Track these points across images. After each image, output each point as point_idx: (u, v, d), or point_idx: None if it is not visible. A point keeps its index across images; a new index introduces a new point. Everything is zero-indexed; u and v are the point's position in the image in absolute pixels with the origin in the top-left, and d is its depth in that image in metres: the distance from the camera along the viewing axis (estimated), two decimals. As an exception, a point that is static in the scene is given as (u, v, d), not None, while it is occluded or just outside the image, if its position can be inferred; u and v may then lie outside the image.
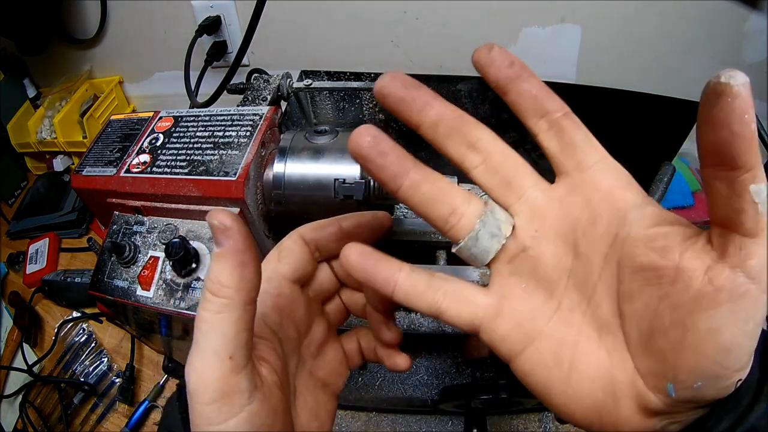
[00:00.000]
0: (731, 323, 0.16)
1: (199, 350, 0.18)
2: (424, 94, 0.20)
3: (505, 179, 0.20)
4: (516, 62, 0.20)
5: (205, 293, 0.18)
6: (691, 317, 0.16)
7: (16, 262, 0.78)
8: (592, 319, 0.20)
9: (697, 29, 0.63)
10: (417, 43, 0.72)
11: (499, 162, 0.20)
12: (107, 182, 0.42)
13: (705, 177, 0.16)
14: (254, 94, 0.51)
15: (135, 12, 0.79)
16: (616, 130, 0.60)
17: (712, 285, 0.16)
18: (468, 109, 0.60)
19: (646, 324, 0.18)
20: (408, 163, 0.20)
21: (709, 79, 0.14)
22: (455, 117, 0.20)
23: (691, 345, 0.16)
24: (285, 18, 0.73)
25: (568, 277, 0.20)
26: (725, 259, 0.16)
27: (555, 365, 0.20)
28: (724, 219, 0.16)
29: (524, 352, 0.20)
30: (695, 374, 0.16)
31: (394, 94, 0.20)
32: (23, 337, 0.68)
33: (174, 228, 0.40)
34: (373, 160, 0.20)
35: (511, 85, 0.20)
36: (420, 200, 0.20)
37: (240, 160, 0.39)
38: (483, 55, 0.20)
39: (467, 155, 0.20)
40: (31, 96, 0.90)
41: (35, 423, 0.60)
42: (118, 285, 0.40)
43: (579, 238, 0.20)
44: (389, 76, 0.20)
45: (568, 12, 0.65)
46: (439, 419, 0.53)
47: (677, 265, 0.17)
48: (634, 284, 0.18)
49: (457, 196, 0.20)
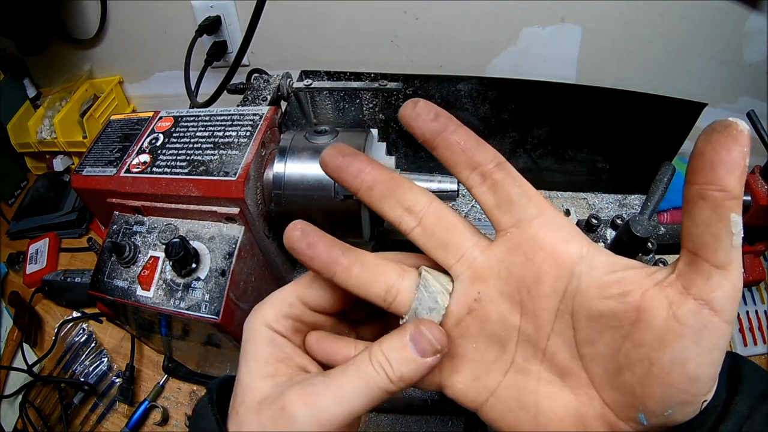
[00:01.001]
0: (695, 354, 0.16)
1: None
2: (359, 161, 0.21)
3: (442, 241, 0.21)
4: (441, 114, 0.20)
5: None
6: (656, 353, 0.17)
7: (16, 262, 0.78)
8: (550, 366, 0.20)
9: (697, 29, 0.63)
10: (417, 43, 0.72)
11: (434, 224, 0.21)
12: (107, 182, 0.42)
13: (689, 196, 0.16)
14: (254, 94, 0.51)
15: (135, 12, 0.79)
16: (616, 130, 0.61)
17: (676, 319, 0.16)
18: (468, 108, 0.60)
19: (611, 362, 0.18)
20: (336, 250, 0.21)
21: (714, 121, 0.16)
22: (388, 180, 0.21)
23: (657, 377, 0.17)
24: (285, 18, 0.73)
25: (518, 333, 0.20)
26: (689, 290, 0.16)
27: (521, 410, 0.20)
28: (699, 244, 0.16)
29: (487, 402, 0.21)
30: (664, 403, 0.17)
31: (332, 163, 0.21)
32: (23, 337, 0.68)
33: (174, 228, 0.40)
34: (304, 252, 0.21)
35: (439, 139, 0.20)
36: (354, 283, 0.21)
37: (240, 160, 0.39)
38: (408, 110, 0.21)
39: (403, 218, 0.21)
40: (31, 96, 0.90)
41: (35, 423, 0.60)
42: (118, 285, 0.40)
43: (524, 297, 0.20)
44: (330, 148, 0.22)
45: (568, 12, 0.65)
46: (439, 419, 0.53)
47: (638, 306, 0.17)
48: (592, 329, 0.19)
49: (391, 272, 0.21)
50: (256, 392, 0.20)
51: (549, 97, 0.57)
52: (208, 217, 0.40)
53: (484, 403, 0.21)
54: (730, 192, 0.15)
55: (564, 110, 0.58)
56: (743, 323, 0.60)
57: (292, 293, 0.23)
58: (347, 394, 0.19)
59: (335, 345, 0.22)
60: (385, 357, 0.19)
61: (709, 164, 0.15)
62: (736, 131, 0.15)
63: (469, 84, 0.56)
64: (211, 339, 0.43)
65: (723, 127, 0.15)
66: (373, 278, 0.21)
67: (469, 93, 0.60)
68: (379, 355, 0.19)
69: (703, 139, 0.15)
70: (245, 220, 0.39)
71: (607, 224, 0.44)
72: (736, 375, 0.19)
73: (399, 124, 0.60)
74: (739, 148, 0.15)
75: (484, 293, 0.20)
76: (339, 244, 0.21)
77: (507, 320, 0.20)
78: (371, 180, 0.21)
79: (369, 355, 0.20)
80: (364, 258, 0.21)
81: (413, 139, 0.21)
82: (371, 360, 0.19)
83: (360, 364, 0.20)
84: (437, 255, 0.21)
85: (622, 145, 0.61)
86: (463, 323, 0.21)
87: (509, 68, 0.71)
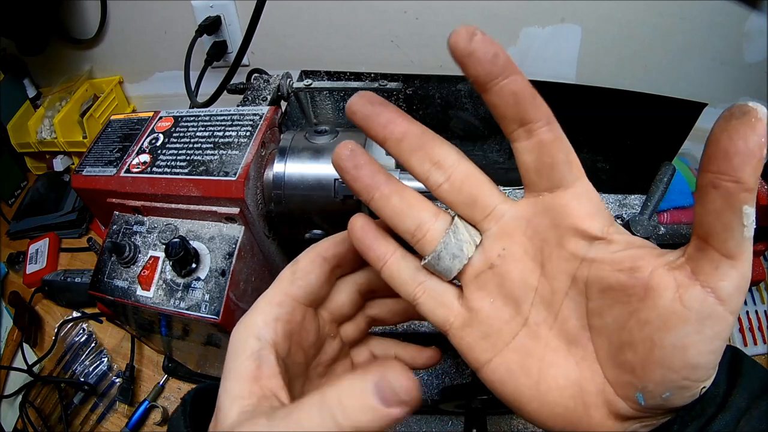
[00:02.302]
0: (698, 341, 0.16)
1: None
2: (390, 111, 0.20)
3: (470, 197, 0.21)
4: (500, 55, 0.18)
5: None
6: (659, 334, 0.17)
7: (16, 262, 0.78)
8: (560, 332, 0.20)
9: (697, 29, 0.63)
10: (417, 43, 0.72)
11: (463, 180, 0.21)
12: (107, 182, 0.42)
13: (702, 183, 0.16)
14: (254, 94, 0.51)
15: (135, 12, 0.79)
16: (616, 130, 0.61)
17: (681, 303, 0.16)
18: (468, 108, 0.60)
19: (615, 337, 0.18)
20: (380, 177, 0.21)
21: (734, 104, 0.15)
22: (419, 134, 0.20)
23: (658, 360, 0.17)
24: (285, 18, 0.73)
25: (535, 294, 0.20)
26: (697, 275, 0.16)
27: (523, 374, 0.20)
28: (709, 232, 0.16)
29: (491, 362, 0.21)
30: (663, 386, 0.17)
31: (361, 111, 0.20)
32: (23, 337, 0.68)
33: (174, 228, 0.40)
34: (348, 171, 0.21)
35: (492, 84, 0.19)
36: (390, 212, 0.21)
37: (240, 160, 0.39)
38: (461, 41, 0.18)
39: (431, 173, 0.21)
40: (31, 96, 0.90)
41: (35, 423, 0.60)
42: (118, 285, 0.40)
43: (545, 258, 0.20)
44: (358, 95, 0.21)
45: (568, 12, 0.65)
46: (439, 419, 0.53)
47: (646, 284, 0.17)
48: (602, 302, 0.19)
49: (425, 211, 0.21)
50: (225, 416, 0.19)
51: (549, 97, 0.57)
52: (208, 217, 0.40)
53: (487, 362, 0.21)
54: (744, 183, 0.14)
55: (564, 110, 0.58)
56: (743, 323, 0.60)
57: (278, 292, 0.22)
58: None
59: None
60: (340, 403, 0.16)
61: (723, 153, 0.15)
62: (755, 119, 0.14)
63: (469, 84, 0.56)
64: (211, 339, 0.43)
65: (741, 113, 0.14)
66: (408, 211, 0.21)
67: (469, 93, 0.60)
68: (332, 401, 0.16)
69: (720, 124, 0.15)
70: (245, 220, 0.39)
71: (607, 224, 0.44)
72: (736, 369, 0.19)
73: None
74: (757, 137, 0.14)
75: (509, 249, 0.20)
76: (384, 172, 0.21)
77: (526, 279, 0.20)
78: (401, 131, 0.20)
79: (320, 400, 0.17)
80: (404, 190, 0.21)
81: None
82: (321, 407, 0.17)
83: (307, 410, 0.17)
84: (464, 211, 0.21)
85: (622, 145, 0.61)
86: (483, 276, 0.21)
87: (509, 68, 0.71)
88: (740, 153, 0.14)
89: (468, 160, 0.21)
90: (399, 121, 0.20)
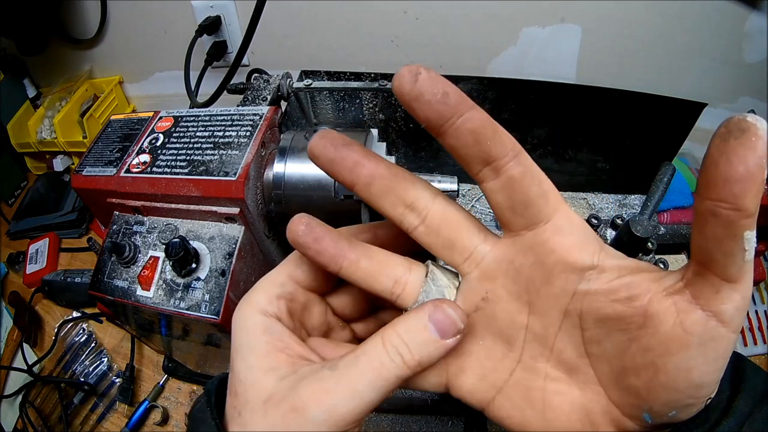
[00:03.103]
0: (701, 363, 0.16)
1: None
2: (355, 153, 0.19)
3: (448, 240, 0.20)
4: (451, 92, 0.17)
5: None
6: (662, 359, 0.16)
7: (16, 262, 0.78)
8: (557, 363, 0.20)
9: (697, 29, 0.63)
10: (417, 43, 0.72)
11: (440, 222, 0.19)
12: (107, 182, 0.42)
13: (701, 210, 0.15)
14: (254, 94, 0.51)
15: (135, 12, 0.79)
16: (616, 130, 0.61)
17: (683, 328, 0.16)
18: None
19: (617, 363, 0.18)
20: (343, 243, 0.20)
21: (731, 116, 0.14)
22: (389, 176, 0.19)
23: (663, 383, 0.17)
24: (285, 18, 0.73)
25: (526, 331, 0.20)
26: (698, 300, 0.16)
27: (528, 407, 0.20)
28: (710, 259, 0.15)
29: (494, 400, 0.20)
30: (669, 406, 0.17)
31: (324, 154, 0.19)
32: (23, 337, 0.68)
33: (174, 228, 0.40)
34: (309, 247, 0.20)
35: (447, 126, 0.17)
36: (362, 276, 0.20)
37: (240, 160, 0.39)
38: (406, 84, 0.17)
39: (405, 216, 0.20)
40: (31, 96, 0.90)
41: (35, 423, 0.60)
42: (118, 285, 0.40)
43: (533, 297, 0.19)
44: (319, 136, 0.19)
45: (568, 12, 0.65)
46: (439, 419, 0.53)
47: (645, 311, 0.17)
48: (599, 331, 0.18)
49: (397, 266, 0.21)
50: (259, 390, 0.18)
51: (549, 97, 0.57)
52: (208, 217, 0.40)
53: (491, 401, 0.21)
54: (745, 211, 0.14)
55: (564, 110, 0.58)
56: (743, 323, 0.60)
57: (282, 273, 0.22)
58: (360, 387, 0.17)
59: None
60: (402, 340, 0.18)
61: (723, 179, 0.14)
62: (755, 137, 0.13)
63: (469, 84, 0.56)
64: (211, 339, 0.43)
65: (740, 131, 0.13)
66: (380, 270, 0.20)
67: (469, 93, 0.59)
68: (395, 339, 0.18)
69: (718, 145, 0.14)
70: (245, 220, 0.39)
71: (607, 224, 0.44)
72: (739, 374, 0.19)
73: (399, 124, 0.60)
74: (757, 158, 0.13)
75: (492, 293, 0.20)
76: (345, 237, 0.20)
77: (515, 319, 0.20)
78: (369, 174, 0.19)
79: (382, 341, 0.18)
80: (371, 251, 0.21)
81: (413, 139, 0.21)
82: (385, 346, 0.18)
83: (371, 353, 0.18)
84: (443, 254, 0.20)
85: (622, 145, 0.61)
86: (469, 320, 0.20)
87: (509, 68, 0.71)
88: (741, 179, 0.13)
89: (443, 197, 0.20)
90: (365, 162, 0.19)
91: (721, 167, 0.14)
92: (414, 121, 0.69)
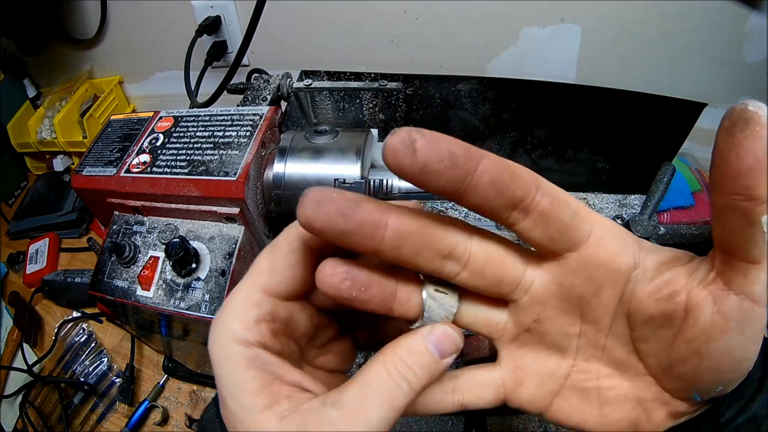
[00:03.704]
0: (741, 341, 0.17)
1: None
2: (367, 212, 0.16)
3: (495, 279, 0.19)
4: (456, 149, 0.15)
5: None
6: (706, 346, 0.17)
7: (16, 262, 0.78)
8: (608, 362, 0.21)
9: (697, 29, 0.63)
10: (417, 43, 0.72)
11: (483, 263, 0.18)
12: (107, 182, 0.42)
13: (717, 205, 0.15)
14: (254, 94, 0.51)
15: (135, 12, 0.79)
16: (616, 130, 0.61)
17: (721, 315, 0.17)
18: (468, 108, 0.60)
19: (664, 356, 0.19)
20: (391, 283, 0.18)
21: (733, 107, 0.14)
22: (417, 229, 0.17)
23: (708, 366, 0.18)
24: (285, 18, 0.73)
25: (579, 338, 0.21)
26: (730, 286, 0.17)
27: (586, 406, 0.21)
28: (733, 247, 0.16)
29: (552, 404, 0.21)
30: (716, 384, 0.18)
31: (331, 228, 0.16)
32: (23, 337, 0.68)
33: (174, 228, 0.40)
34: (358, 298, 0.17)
35: (464, 187, 0.16)
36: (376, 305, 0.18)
37: (240, 160, 0.39)
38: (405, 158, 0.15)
39: (445, 266, 0.18)
40: (31, 96, 0.90)
41: (35, 423, 0.60)
42: (118, 285, 0.40)
43: (584, 309, 0.20)
44: (314, 204, 0.15)
45: (568, 12, 0.65)
46: (439, 419, 0.53)
47: (686, 306, 0.18)
48: (646, 329, 0.19)
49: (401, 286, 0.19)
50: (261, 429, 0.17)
51: (549, 97, 0.57)
52: (208, 217, 0.40)
53: (549, 406, 0.21)
54: (759, 199, 0.14)
55: (564, 110, 0.59)
56: None
57: (253, 290, 0.19)
58: (374, 422, 0.16)
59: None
60: (407, 365, 0.17)
61: (735, 173, 0.14)
62: (759, 126, 0.14)
63: (469, 84, 0.57)
64: (211, 339, 0.43)
65: (744, 123, 0.14)
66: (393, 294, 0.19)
67: (469, 93, 0.60)
68: (399, 364, 0.17)
69: (725, 140, 0.14)
70: (245, 220, 0.39)
71: (607, 224, 0.44)
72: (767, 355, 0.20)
73: (399, 124, 0.60)
74: (764, 147, 0.14)
75: (543, 313, 0.20)
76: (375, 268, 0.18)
77: (567, 331, 0.20)
78: (394, 236, 0.16)
79: (386, 368, 0.17)
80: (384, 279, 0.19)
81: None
82: (390, 373, 0.17)
83: (377, 383, 0.17)
84: (491, 292, 0.19)
85: (622, 145, 0.61)
86: (521, 338, 0.21)
87: (509, 68, 0.71)
88: (752, 170, 0.14)
89: (479, 233, 0.18)
90: (386, 222, 0.16)
91: (732, 162, 0.14)
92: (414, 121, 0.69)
